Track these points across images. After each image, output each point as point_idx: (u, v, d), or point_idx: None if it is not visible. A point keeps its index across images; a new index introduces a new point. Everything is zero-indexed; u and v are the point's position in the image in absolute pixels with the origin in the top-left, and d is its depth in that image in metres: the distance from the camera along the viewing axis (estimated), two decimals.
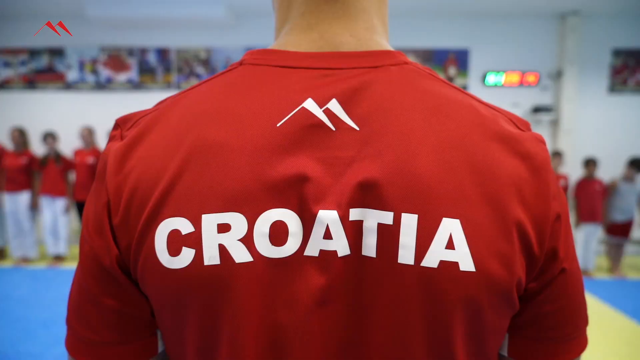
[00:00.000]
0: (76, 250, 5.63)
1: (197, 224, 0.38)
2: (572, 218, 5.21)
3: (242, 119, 0.40)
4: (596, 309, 4.05)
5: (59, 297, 4.14)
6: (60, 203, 5.26)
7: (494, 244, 0.38)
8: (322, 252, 0.38)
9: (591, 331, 1.86)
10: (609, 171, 5.37)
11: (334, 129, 0.39)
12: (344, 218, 0.38)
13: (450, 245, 0.37)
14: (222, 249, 0.37)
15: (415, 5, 5.60)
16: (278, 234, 0.38)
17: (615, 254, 5.13)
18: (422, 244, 0.37)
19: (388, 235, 0.37)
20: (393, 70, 0.42)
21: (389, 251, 0.37)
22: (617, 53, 6.00)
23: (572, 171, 5.63)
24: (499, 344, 0.43)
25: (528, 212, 0.39)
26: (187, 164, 0.38)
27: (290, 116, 0.39)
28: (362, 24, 0.44)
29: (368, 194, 0.38)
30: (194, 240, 0.37)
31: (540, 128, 6.11)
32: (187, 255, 0.37)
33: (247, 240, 0.38)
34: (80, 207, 5.34)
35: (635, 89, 6.02)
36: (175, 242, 0.38)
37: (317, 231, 0.38)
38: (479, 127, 0.40)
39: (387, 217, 0.37)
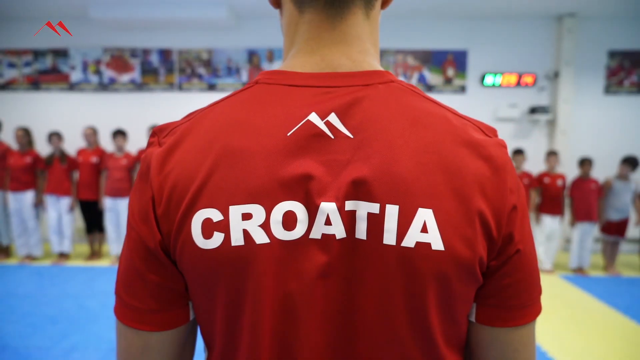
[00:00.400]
0: (79, 248, 5.74)
1: (225, 213, 0.47)
2: (567, 217, 5.30)
3: (259, 129, 0.49)
4: (591, 305, 4.15)
5: (64, 294, 4.24)
6: (64, 202, 5.35)
7: (460, 229, 0.47)
8: (324, 236, 0.47)
9: (586, 327, 1.99)
10: (605, 171, 5.45)
11: (332, 137, 0.48)
12: (340, 208, 0.47)
13: (424, 229, 0.46)
14: (246, 233, 0.47)
15: (415, 7, 5.68)
16: (289, 221, 0.47)
17: (610, 253, 5.22)
18: (402, 229, 0.46)
19: (375, 222, 0.46)
20: (381, 88, 0.51)
21: (376, 234, 0.47)
22: (613, 55, 6.09)
23: (568, 171, 5.72)
24: (467, 311, 0.52)
25: (489, 203, 0.48)
26: (216, 166, 0.48)
27: (298, 127, 0.48)
28: (356, 48, 0.53)
29: (359, 189, 0.47)
30: (223, 226, 0.47)
31: (537, 128, 6.20)
32: (217, 238, 0.47)
33: (265, 226, 0.47)
34: (83, 205, 5.43)
35: (631, 90, 6.11)
36: (208, 228, 0.47)
37: (320, 219, 0.47)
38: (450, 135, 0.49)
39: (375, 208, 0.46)
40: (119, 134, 5.27)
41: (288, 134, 0.48)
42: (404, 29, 6.10)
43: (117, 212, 5.30)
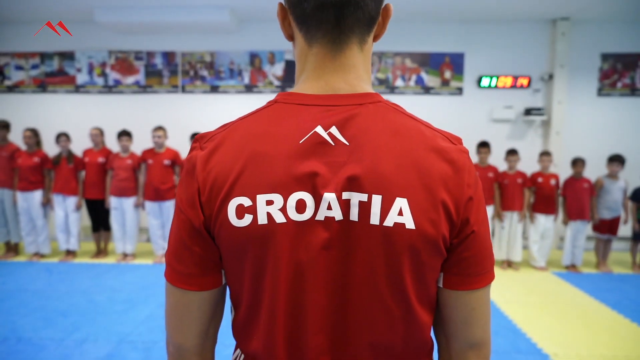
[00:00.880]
0: (86, 246, 5.88)
1: (253, 200, 0.62)
2: (561, 216, 5.44)
3: (278, 138, 0.63)
4: (581, 301, 4.30)
5: (73, 289, 4.39)
6: (71, 201, 5.50)
7: (427, 213, 0.61)
8: (326, 218, 0.62)
9: (575, 321, 2.18)
10: (598, 171, 5.56)
11: (333, 144, 0.63)
12: (339, 197, 0.62)
13: (400, 213, 0.61)
14: (269, 215, 0.62)
15: (413, 10, 5.82)
16: (300, 206, 0.62)
17: (602, 250, 5.37)
18: (384, 212, 0.61)
19: (364, 208, 0.61)
20: (370, 107, 0.66)
21: (365, 216, 0.61)
22: (606, 57, 6.24)
23: (562, 171, 5.87)
24: (435, 278, 0.67)
25: (450, 195, 0.63)
26: (246, 166, 0.62)
27: (307, 137, 0.63)
28: (352, 75, 0.68)
29: (353, 183, 0.62)
30: (252, 209, 0.62)
31: (532, 129, 6.35)
32: (247, 219, 0.62)
33: (283, 210, 0.62)
34: (89, 204, 5.57)
35: (623, 92, 6.26)
36: (240, 211, 0.62)
37: (323, 205, 0.62)
38: (422, 143, 0.64)
39: (364, 197, 0.61)
40: (125, 134, 5.42)
41: (300, 142, 0.63)
42: (403, 32, 6.24)
43: (122, 210, 5.45)
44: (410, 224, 0.61)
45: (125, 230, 5.50)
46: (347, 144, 0.63)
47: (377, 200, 0.61)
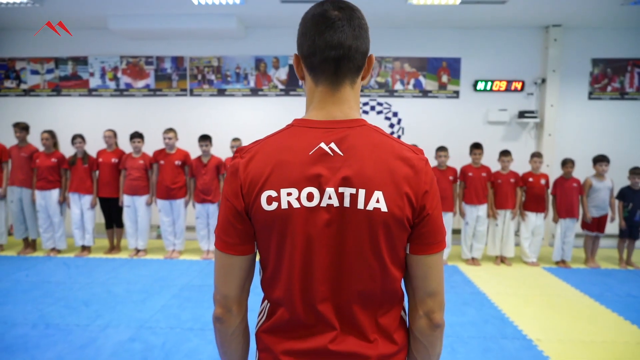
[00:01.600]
0: (99, 242, 6.17)
1: (278, 192, 0.90)
2: (551, 214, 5.71)
3: (295, 151, 0.91)
4: (566, 293, 4.58)
5: (92, 282, 4.69)
6: (86, 199, 5.80)
7: (395, 201, 0.89)
8: (328, 204, 0.90)
9: (560, 311, 2.58)
10: (588, 172, 5.75)
11: (332, 155, 0.91)
12: (336, 191, 0.90)
13: (377, 201, 0.89)
14: (289, 202, 0.90)
15: (412, 17, 6.10)
16: (310, 197, 0.90)
17: (591, 247, 5.65)
18: (367, 201, 0.89)
19: (353, 198, 0.89)
20: (357, 129, 0.94)
21: (354, 204, 0.89)
22: (596, 62, 6.50)
23: (554, 171, 6.14)
24: (403, 246, 0.94)
25: (411, 189, 0.91)
26: (273, 169, 0.90)
27: (315, 150, 0.91)
28: (346, 106, 0.96)
29: (346, 182, 0.89)
30: (277, 199, 0.90)
31: (526, 131, 6.62)
32: (274, 205, 0.90)
33: (298, 199, 0.90)
34: (103, 202, 5.87)
35: (613, 95, 6.53)
36: (269, 200, 0.90)
37: (325, 196, 0.90)
38: (392, 154, 0.92)
39: (353, 191, 0.89)
40: (137, 136, 5.71)
41: (310, 153, 0.91)
42: (402, 38, 6.53)
43: (135, 208, 5.75)
44: (384, 208, 0.89)
45: (138, 227, 5.80)
46: (342, 154, 0.91)
47: (362, 192, 0.89)
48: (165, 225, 5.76)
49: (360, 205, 0.89)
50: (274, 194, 0.90)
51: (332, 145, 0.91)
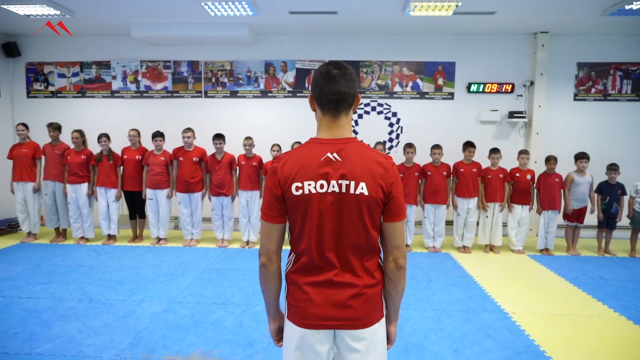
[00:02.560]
0: (123, 232, 6.74)
1: (302, 183, 1.43)
2: (535, 206, 6.24)
3: (312, 158, 1.45)
4: (546, 276, 5.13)
5: (122, 265, 5.27)
6: (112, 193, 6.38)
7: (373, 188, 1.43)
8: (332, 191, 1.44)
9: (538, 291, 3.42)
10: (573, 168, 6.30)
11: (334, 160, 1.45)
12: (337, 182, 1.43)
13: (362, 189, 1.42)
14: (309, 190, 1.43)
15: (410, 26, 6.60)
16: (321, 186, 1.44)
17: (572, 237, 6.18)
18: (355, 188, 1.42)
19: (347, 187, 1.43)
20: (350, 144, 1.48)
21: (348, 190, 1.43)
22: (581, 66, 7.00)
23: (542, 167, 6.63)
24: (378, 217, 1.48)
25: (383, 181, 1.44)
26: (298, 170, 1.44)
27: (324, 157, 1.45)
28: (342, 130, 1.50)
29: (343, 177, 1.43)
30: (301, 188, 1.43)
31: (515, 130, 7.14)
32: (299, 192, 1.43)
33: (314, 187, 1.43)
34: (128, 195, 6.45)
35: (597, 97, 7.03)
36: (297, 188, 1.43)
37: (331, 186, 1.43)
38: (371, 160, 1.46)
39: (347, 182, 1.43)
40: (159, 135, 6.28)
41: (321, 159, 1.45)
42: (401, 44, 7.05)
43: (156, 200, 6.33)
44: (366, 193, 1.43)
45: (159, 217, 6.37)
46: (340, 160, 1.45)
47: (353, 183, 1.43)
48: (184, 216, 6.33)
49: (352, 191, 1.44)
50: (299, 184, 1.45)
51: (335, 154, 1.46)
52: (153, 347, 3.25)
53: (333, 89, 1.45)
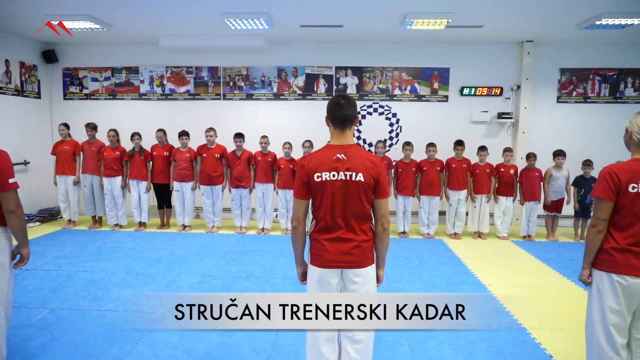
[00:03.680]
0: (152, 220, 7.56)
1: (321, 174, 2.22)
2: (518, 197, 7.02)
3: (327, 157, 2.23)
4: (524, 257, 5.91)
5: (155, 248, 6.10)
6: (143, 185, 7.20)
7: (367, 177, 2.21)
8: (340, 179, 2.22)
9: (515, 270, 4.78)
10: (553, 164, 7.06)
11: (342, 159, 2.23)
12: (344, 173, 2.22)
13: (360, 177, 2.21)
14: (325, 178, 2.22)
15: (408, 36, 7.32)
16: (334, 176, 2.22)
17: (551, 225, 6.95)
18: (356, 177, 2.21)
19: (351, 176, 2.21)
20: (353, 148, 2.26)
21: (351, 178, 2.21)
22: (564, 71, 7.73)
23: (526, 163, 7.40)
24: (371, 196, 2.27)
25: (374, 172, 2.22)
26: (318, 165, 2.22)
27: (335, 157, 2.24)
28: (347, 139, 2.28)
29: (347, 169, 2.21)
30: (320, 176, 2.21)
31: (503, 129, 7.89)
32: (319, 179, 2.21)
33: (329, 176, 2.22)
34: (157, 187, 7.27)
35: (578, 99, 7.76)
36: (318, 177, 2.22)
37: (340, 175, 2.21)
38: (366, 158, 2.24)
39: (350, 173, 2.21)
40: (184, 134, 7.09)
41: (333, 158, 2.23)
42: (400, 51, 7.81)
43: (182, 192, 7.15)
44: (362, 180, 2.20)
45: (184, 207, 7.20)
46: (346, 159, 2.23)
47: (354, 174, 2.20)
48: (206, 206, 7.15)
49: (353, 179, 2.22)
50: (319, 174, 2.23)
51: (342, 155, 2.25)
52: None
53: (341, 112, 2.25)
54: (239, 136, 6.98)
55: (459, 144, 6.89)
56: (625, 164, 2.29)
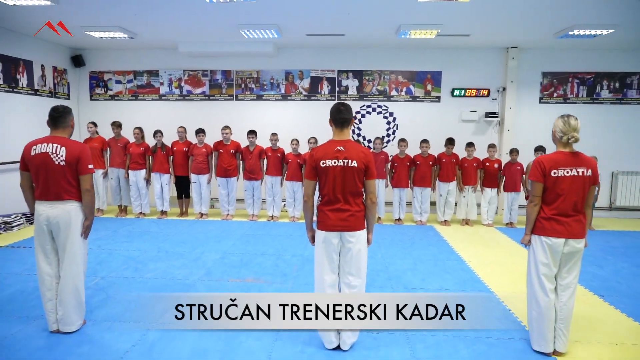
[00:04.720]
0: (174, 210, 8.38)
1: (326, 161, 3.01)
2: (502, 189, 7.80)
3: (330, 148, 3.02)
4: (504, 240, 6.70)
5: (178, 232, 6.91)
6: (165, 177, 8.01)
7: (360, 164, 3.00)
8: (340, 165, 3.01)
9: (495, 250, 5.50)
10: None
11: (341, 150, 3.02)
12: (343, 160, 3.01)
13: (354, 163, 2.99)
14: (329, 164, 3.01)
15: (403, 43, 8.08)
16: (335, 162, 3.01)
17: None
18: (351, 163, 3.00)
19: (348, 162, 3.00)
20: (350, 142, 3.05)
21: (347, 164, 2.99)
22: (545, 75, 8.50)
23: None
24: (362, 178, 3.06)
25: (365, 160, 3.01)
26: (323, 155, 3.01)
27: (336, 149, 3.02)
28: (345, 135, 3.08)
29: (346, 157, 2.99)
30: (325, 163, 3.01)
31: (490, 127, 8.67)
32: (324, 165, 3.01)
33: (332, 163, 3.00)
34: (178, 180, 8.07)
35: (558, 100, 8.53)
36: (323, 163, 3.01)
37: (340, 162, 3.00)
38: (359, 150, 3.03)
39: (348, 161, 3.00)
40: (201, 131, 7.88)
41: (334, 150, 3.02)
42: (396, 56, 8.59)
43: (199, 184, 7.95)
44: (356, 166, 2.98)
45: (202, 197, 8.01)
46: (344, 150, 3.01)
47: (350, 161, 2.98)
48: (222, 196, 7.96)
49: (350, 165, 3.00)
50: (324, 161, 3.02)
51: (341, 147, 3.03)
52: (220, 275, 4.88)
53: (341, 116, 3.05)
54: (251, 133, 7.77)
55: (450, 142, 7.67)
56: (550, 155, 3.11)
